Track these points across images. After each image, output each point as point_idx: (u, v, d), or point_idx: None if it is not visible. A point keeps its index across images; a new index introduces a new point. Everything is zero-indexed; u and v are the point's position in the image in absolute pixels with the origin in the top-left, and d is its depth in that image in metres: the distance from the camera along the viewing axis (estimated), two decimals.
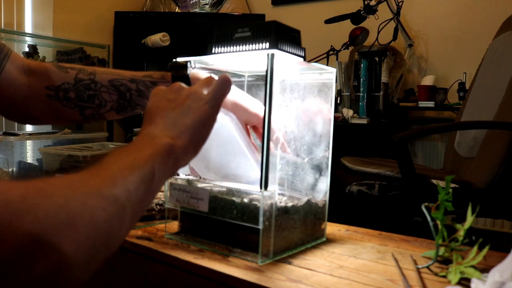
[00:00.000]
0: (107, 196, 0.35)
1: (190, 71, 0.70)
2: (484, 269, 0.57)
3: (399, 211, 1.53)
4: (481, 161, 1.49)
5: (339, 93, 2.47)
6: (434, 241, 0.63)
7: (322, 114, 0.76)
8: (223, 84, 0.57)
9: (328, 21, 2.39)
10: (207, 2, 3.03)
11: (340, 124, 2.27)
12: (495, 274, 0.49)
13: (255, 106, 0.74)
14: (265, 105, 0.62)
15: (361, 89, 2.34)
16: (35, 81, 0.66)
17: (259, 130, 0.76)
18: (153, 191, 0.45)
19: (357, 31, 2.37)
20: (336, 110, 2.38)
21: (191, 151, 0.53)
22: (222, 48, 0.70)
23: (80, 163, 1.10)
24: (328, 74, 0.76)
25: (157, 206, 0.86)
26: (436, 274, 0.60)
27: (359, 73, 2.36)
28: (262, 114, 0.73)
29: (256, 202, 0.64)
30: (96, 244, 0.34)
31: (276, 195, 0.65)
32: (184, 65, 0.70)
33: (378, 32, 2.39)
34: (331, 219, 0.84)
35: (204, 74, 0.72)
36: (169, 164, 0.47)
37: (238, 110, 0.72)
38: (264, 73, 0.62)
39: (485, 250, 0.57)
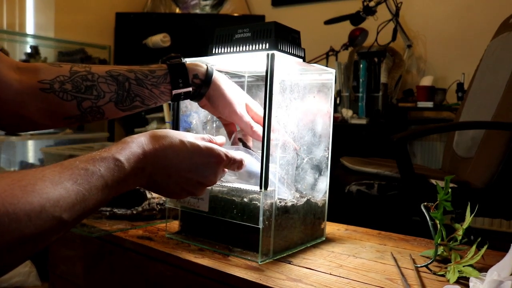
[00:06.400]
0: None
1: (185, 60, 0.70)
2: (482, 268, 0.57)
3: (398, 211, 1.53)
4: (479, 161, 1.50)
5: (338, 93, 2.47)
6: (433, 241, 0.63)
7: (322, 114, 0.77)
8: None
9: (328, 22, 2.40)
10: (208, 3, 3.04)
11: (339, 125, 2.28)
12: (493, 273, 0.49)
13: (257, 106, 0.76)
14: (265, 105, 0.62)
15: (360, 90, 2.34)
16: (27, 77, 0.61)
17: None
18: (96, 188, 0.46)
19: (356, 32, 2.37)
20: (335, 111, 2.38)
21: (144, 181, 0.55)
22: (223, 49, 0.71)
23: None
24: (328, 75, 0.77)
25: (158, 206, 0.87)
26: (434, 273, 0.61)
27: (358, 73, 2.37)
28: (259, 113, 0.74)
29: (256, 202, 0.64)
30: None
31: (276, 195, 0.66)
32: (177, 56, 0.70)
33: (377, 33, 2.39)
34: (331, 219, 0.84)
35: (200, 64, 0.72)
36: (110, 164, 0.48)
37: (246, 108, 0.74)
38: (264, 74, 0.62)
39: (483, 250, 0.58)
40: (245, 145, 0.72)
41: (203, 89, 0.69)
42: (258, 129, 0.71)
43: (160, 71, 0.68)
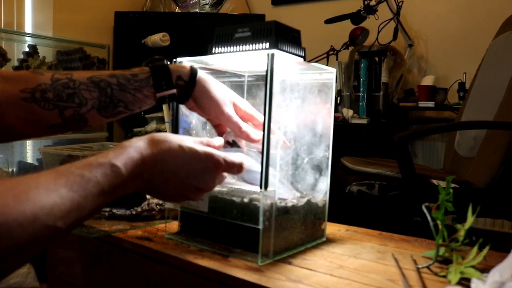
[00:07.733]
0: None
1: (167, 63, 0.69)
2: (484, 269, 0.57)
3: (399, 211, 1.53)
4: (481, 161, 1.49)
5: (339, 93, 2.46)
6: (434, 241, 0.63)
7: (322, 114, 0.76)
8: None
9: (328, 21, 2.39)
10: (207, 2, 3.03)
11: (340, 124, 2.27)
12: (495, 274, 0.49)
13: (244, 103, 0.74)
14: (265, 105, 0.62)
15: (361, 89, 2.34)
16: (9, 86, 0.60)
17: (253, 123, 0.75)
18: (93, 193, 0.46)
19: (357, 31, 2.37)
20: (336, 110, 2.38)
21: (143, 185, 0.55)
22: (222, 48, 0.71)
23: None
24: (328, 74, 0.76)
25: (157, 206, 0.86)
26: (436, 274, 0.60)
27: (359, 73, 2.36)
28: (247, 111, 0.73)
29: (256, 202, 0.64)
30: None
31: (277, 196, 0.65)
32: (160, 59, 0.69)
33: (378, 32, 2.38)
34: (331, 219, 0.84)
35: (186, 64, 0.70)
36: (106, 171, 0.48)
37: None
38: (264, 73, 0.62)
39: (485, 250, 0.57)
40: (234, 146, 0.71)
41: (188, 90, 0.68)
42: (247, 129, 0.69)
43: (143, 74, 0.66)
